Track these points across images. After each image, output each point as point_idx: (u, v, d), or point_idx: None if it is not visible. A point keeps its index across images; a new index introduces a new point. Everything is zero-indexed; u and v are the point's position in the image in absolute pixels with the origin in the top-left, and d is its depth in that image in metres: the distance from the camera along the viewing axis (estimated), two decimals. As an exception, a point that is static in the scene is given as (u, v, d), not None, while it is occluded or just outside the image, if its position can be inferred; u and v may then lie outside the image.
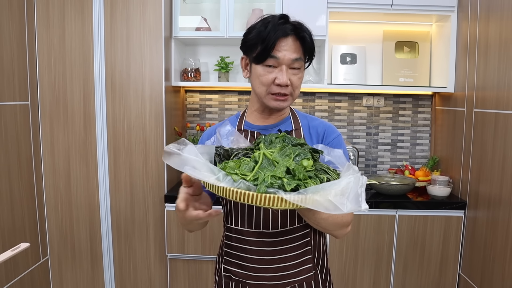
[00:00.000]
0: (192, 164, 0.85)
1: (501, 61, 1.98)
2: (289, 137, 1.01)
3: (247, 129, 1.26)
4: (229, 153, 0.99)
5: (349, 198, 0.79)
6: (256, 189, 0.80)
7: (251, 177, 0.83)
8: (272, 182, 0.81)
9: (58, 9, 2.27)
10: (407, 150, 2.87)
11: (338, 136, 1.24)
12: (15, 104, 2.15)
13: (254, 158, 0.90)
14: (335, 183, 0.81)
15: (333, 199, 0.77)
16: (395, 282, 2.38)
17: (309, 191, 0.79)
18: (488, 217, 2.09)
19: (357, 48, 2.71)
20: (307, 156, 0.91)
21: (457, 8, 2.42)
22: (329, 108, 2.84)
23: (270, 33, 1.11)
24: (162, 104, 2.33)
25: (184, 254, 2.40)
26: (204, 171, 0.84)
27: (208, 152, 0.96)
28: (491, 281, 2.04)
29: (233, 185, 0.81)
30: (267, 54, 1.12)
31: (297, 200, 0.78)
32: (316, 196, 0.78)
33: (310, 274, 1.20)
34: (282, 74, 1.13)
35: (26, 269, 2.25)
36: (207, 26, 2.55)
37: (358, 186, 0.81)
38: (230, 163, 0.89)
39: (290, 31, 1.12)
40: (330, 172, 0.94)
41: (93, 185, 2.39)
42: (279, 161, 0.88)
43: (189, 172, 0.85)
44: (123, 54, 2.31)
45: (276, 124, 1.25)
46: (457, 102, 2.45)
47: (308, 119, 1.28)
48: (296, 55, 1.13)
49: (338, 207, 0.77)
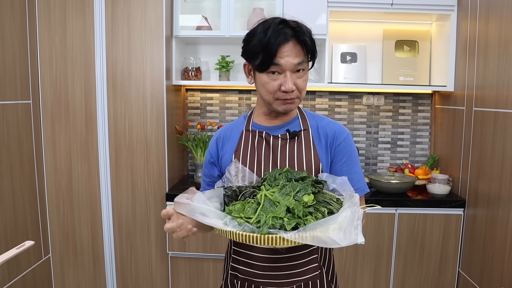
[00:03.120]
0: (201, 211, 0.94)
1: (501, 60, 1.99)
2: (292, 172, 1.09)
3: (255, 130, 1.26)
4: (237, 193, 1.07)
5: (346, 232, 0.84)
6: (259, 231, 0.88)
7: (254, 219, 0.92)
8: (274, 223, 0.90)
9: (60, 8, 2.28)
10: (407, 148, 2.88)
11: (347, 137, 1.24)
12: (17, 103, 2.16)
13: (257, 200, 0.98)
14: (332, 218, 0.87)
15: (331, 234, 0.83)
16: (395, 279, 2.40)
17: (308, 229, 0.86)
18: (487, 215, 2.10)
19: (357, 47, 2.72)
20: (307, 192, 0.98)
21: (457, 7, 2.43)
22: (329, 106, 2.85)
23: (270, 40, 1.10)
24: (163, 103, 2.34)
25: (186, 252, 2.41)
26: (212, 217, 0.93)
27: (218, 196, 1.05)
28: (490, 279, 2.05)
29: (238, 229, 0.89)
30: (269, 63, 1.11)
31: (297, 238, 0.84)
32: (315, 232, 0.85)
33: (315, 273, 1.21)
34: (286, 80, 1.12)
35: (28, 267, 2.27)
36: (208, 25, 2.55)
37: (354, 219, 0.87)
38: (237, 205, 0.98)
39: (291, 36, 1.11)
40: (332, 203, 1.00)
41: (94, 184, 2.40)
42: (280, 200, 0.96)
43: (199, 218, 0.93)
44: (124, 53, 2.32)
45: (284, 125, 1.25)
46: (456, 101, 2.46)
47: (317, 119, 1.28)
48: (299, 59, 1.12)
49: (336, 241, 0.82)
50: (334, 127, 1.25)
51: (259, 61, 1.13)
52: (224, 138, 1.30)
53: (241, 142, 1.26)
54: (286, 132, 1.23)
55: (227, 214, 0.93)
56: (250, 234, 0.86)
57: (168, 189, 2.41)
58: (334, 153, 1.23)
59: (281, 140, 1.22)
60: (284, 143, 1.22)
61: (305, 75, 1.17)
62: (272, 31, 1.11)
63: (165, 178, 2.39)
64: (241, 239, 0.87)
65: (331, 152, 1.23)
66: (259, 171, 1.20)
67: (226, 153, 1.27)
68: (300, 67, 1.14)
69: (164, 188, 2.40)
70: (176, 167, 2.64)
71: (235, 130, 1.30)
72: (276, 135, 1.23)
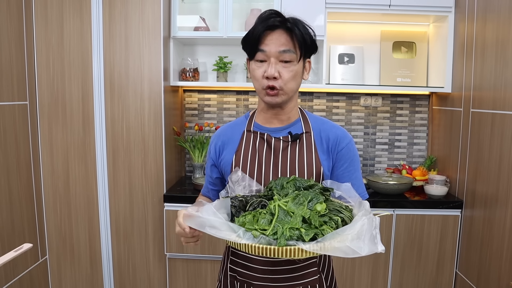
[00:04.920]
0: (212, 224, 0.90)
1: (498, 61, 1.99)
2: (300, 180, 1.06)
3: (257, 131, 1.25)
4: (244, 203, 1.04)
5: (365, 241, 0.82)
6: (276, 243, 0.84)
7: (270, 231, 0.87)
8: (291, 234, 0.86)
9: (57, 9, 2.27)
10: (405, 149, 2.89)
11: (349, 142, 1.24)
12: (14, 104, 2.15)
13: (270, 211, 0.94)
14: (350, 227, 0.85)
15: (351, 244, 0.81)
16: (392, 280, 2.40)
17: (326, 239, 0.83)
18: (484, 216, 2.11)
19: (355, 48, 2.73)
20: (319, 200, 0.96)
21: (454, 9, 2.44)
22: (327, 108, 2.85)
23: (257, 27, 1.13)
24: (161, 104, 2.34)
25: (183, 254, 2.41)
26: (224, 230, 0.89)
27: (225, 206, 1.02)
28: (487, 279, 2.06)
29: (254, 241, 0.85)
30: (255, 49, 1.14)
31: (317, 249, 0.82)
32: (334, 243, 0.82)
33: (314, 277, 1.20)
34: (269, 66, 1.13)
35: (25, 269, 2.25)
36: (206, 26, 2.55)
37: (372, 228, 0.85)
38: (248, 216, 0.94)
39: (278, 22, 1.12)
40: (342, 211, 0.98)
41: (92, 185, 2.39)
42: (294, 210, 0.92)
43: (211, 232, 0.89)
44: (121, 54, 2.31)
45: (285, 127, 1.24)
46: (454, 102, 2.47)
47: (320, 122, 1.27)
48: (284, 47, 1.13)
49: (356, 251, 0.80)
50: (337, 132, 1.24)
51: (248, 49, 1.17)
52: (223, 141, 1.29)
53: (242, 143, 1.25)
54: (288, 135, 1.22)
55: (240, 227, 0.90)
56: (267, 247, 0.83)
57: (165, 191, 2.40)
58: (336, 158, 1.22)
59: (283, 142, 1.21)
60: (286, 146, 1.21)
61: (292, 66, 1.15)
62: (261, 19, 1.14)
63: (162, 179, 2.39)
64: (257, 252, 0.84)
65: (333, 156, 1.22)
66: (259, 174, 1.19)
67: (227, 155, 1.26)
68: (286, 56, 1.13)
69: (162, 189, 2.39)
70: (174, 168, 2.64)
71: (236, 130, 1.30)
72: (277, 137, 1.23)
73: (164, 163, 2.37)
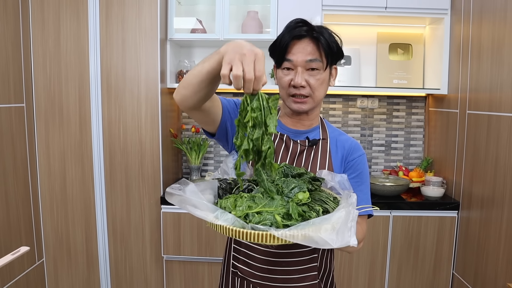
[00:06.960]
0: (192, 203, 0.90)
1: (494, 63, 2.00)
2: (290, 167, 1.06)
3: (277, 131, 1.26)
4: (232, 186, 1.04)
5: (338, 234, 0.80)
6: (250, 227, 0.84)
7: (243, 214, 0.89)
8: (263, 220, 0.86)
9: (53, 11, 2.27)
10: (401, 151, 2.90)
11: (362, 155, 1.26)
12: (10, 106, 2.14)
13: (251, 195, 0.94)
14: (326, 218, 0.83)
15: (323, 234, 0.79)
16: (389, 282, 2.41)
17: (299, 227, 0.81)
18: (481, 217, 2.12)
19: (352, 50, 2.73)
20: (302, 189, 0.95)
21: (450, 11, 2.45)
22: (324, 109, 2.86)
23: (284, 36, 1.15)
24: (157, 106, 2.34)
25: (180, 256, 2.40)
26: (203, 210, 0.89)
27: (212, 187, 1.02)
28: (484, 280, 2.06)
29: (228, 223, 0.85)
30: (282, 58, 1.16)
31: (288, 236, 0.80)
32: (306, 231, 0.80)
33: (314, 282, 1.20)
34: (296, 75, 1.15)
35: (21, 272, 2.24)
36: (202, 28, 2.55)
37: (348, 221, 0.83)
38: (230, 199, 0.94)
39: (305, 32, 1.14)
40: (328, 202, 0.97)
41: (88, 187, 2.39)
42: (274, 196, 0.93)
43: (190, 210, 0.89)
44: (118, 56, 2.31)
45: (305, 131, 1.26)
46: (450, 104, 2.48)
47: (337, 133, 1.30)
48: (311, 57, 1.14)
49: (328, 242, 0.79)
50: (352, 143, 1.28)
51: (276, 57, 1.19)
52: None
53: None
54: (305, 139, 1.24)
55: (218, 208, 0.89)
56: (240, 229, 0.83)
57: (162, 193, 2.40)
58: (346, 167, 1.25)
59: (300, 146, 1.23)
60: (302, 150, 1.23)
61: (319, 74, 1.17)
62: (288, 28, 1.16)
63: (159, 181, 2.38)
64: (231, 234, 0.84)
65: (345, 165, 1.25)
66: None
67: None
68: (313, 64, 1.15)
69: (159, 191, 2.39)
70: (171, 170, 2.63)
71: None
72: (296, 140, 1.25)
73: (161, 165, 2.37)
